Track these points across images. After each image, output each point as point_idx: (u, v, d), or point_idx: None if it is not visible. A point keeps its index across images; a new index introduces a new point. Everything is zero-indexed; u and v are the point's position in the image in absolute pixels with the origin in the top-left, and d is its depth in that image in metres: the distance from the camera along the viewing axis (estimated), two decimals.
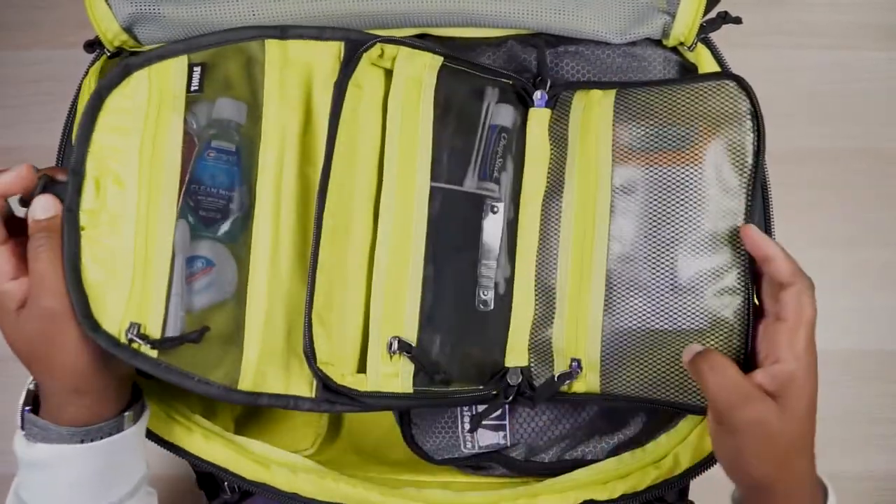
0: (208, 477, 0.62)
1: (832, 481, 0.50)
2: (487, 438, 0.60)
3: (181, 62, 0.53)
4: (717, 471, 0.57)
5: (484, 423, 0.59)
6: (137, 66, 0.52)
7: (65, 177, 0.50)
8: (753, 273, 0.53)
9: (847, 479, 0.90)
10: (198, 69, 0.53)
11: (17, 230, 0.50)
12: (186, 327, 0.51)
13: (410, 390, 0.54)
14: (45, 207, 0.49)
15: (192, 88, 0.53)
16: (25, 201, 0.50)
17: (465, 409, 0.60)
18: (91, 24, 0.57)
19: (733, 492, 0.54)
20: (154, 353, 0.50)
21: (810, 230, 0.88)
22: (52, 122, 0.61)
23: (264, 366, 0.53)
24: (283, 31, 0.54)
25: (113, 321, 0.49)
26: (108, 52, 0.58)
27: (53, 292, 0.47)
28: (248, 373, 0.52)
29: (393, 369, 0.54)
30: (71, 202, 0.49)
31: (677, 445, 0.57)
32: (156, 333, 0.50)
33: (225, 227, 0.53)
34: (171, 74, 0.53)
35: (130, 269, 0.50)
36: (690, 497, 0.60)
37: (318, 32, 0.55)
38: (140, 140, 0.51)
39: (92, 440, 0.49)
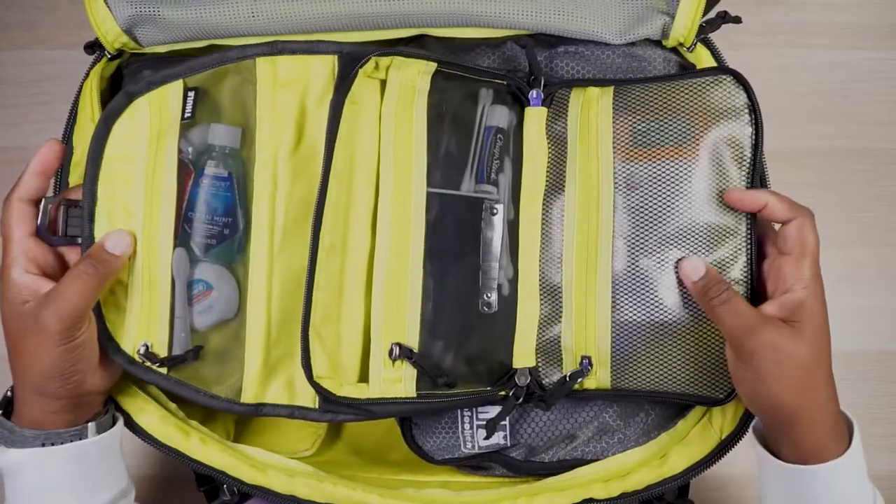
0: (208, 479, 0.62)
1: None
2: (488, 439, 0.60)
3: (177, 87, 0.54)
4: (716, 470, 0.57)
5: (485, 423, 0.59)
6: (138, 94, 0.53)
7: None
8: (757, 255, 0.54)
9: None
10: (191, 94, 0.54)
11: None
12: (191, 346, 0.54)
13: (414, 394, 0.55)
14: (118, 243, 0.51)
15: (186, 115, 0.54)
16: (51, 227, 0.52)
17: (466, 410, 0.60)
18: (91, 26, 0.56)
19: (755, 422, 0.55)
20: (164, 371, 0.54)
21: None
22: (52, 122, 0.61)
23: (266, 379, 0.55)
24: (273, 48, 0.55)
25: (128, 342, 0.53)
26: (109, 53, 0.58)
27: (60, 316, 0.48)
28: (250, 386, 0.55)
29: (396, 375, 0.55)
30: (85, 228, 0.52)
31: (677, 444, 0.57)
32: (163, 353, 0.54)
33: (222, 250, 0.55)
34: (169, 101, 0.54)
35: (140, 293, 0.53)
36: (690, 496, 0.60)
37: (310, 46, 0.55)
38: (145, 169, 0.53)
39: (53, 444, 0.50)
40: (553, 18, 0.58)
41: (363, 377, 0.56)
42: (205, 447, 0.56)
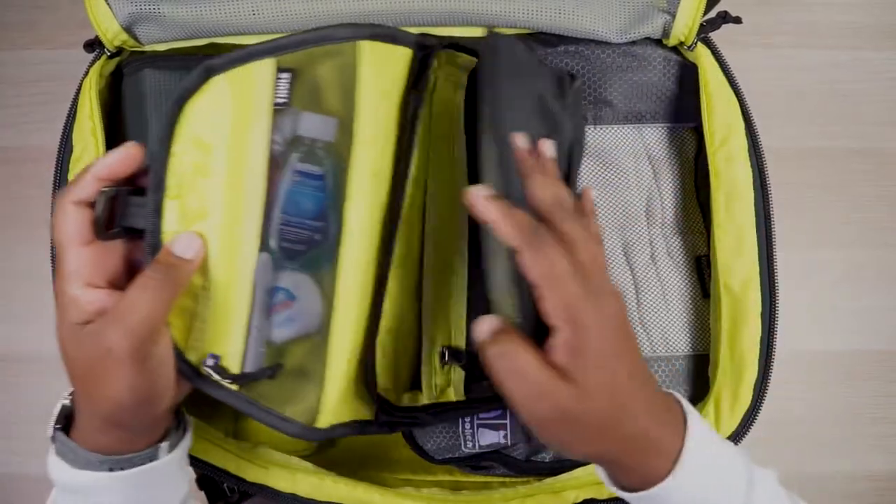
0: (208, 477, 0.62)
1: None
2: (488, 438, 0.60)
3: (267, 67, 0.46)
4: None
5: (485, 422, 0.59)
6: (218, 70, 0.45)
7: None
8: None
9: (846, 479, 0.90)
10: (286, 76, 0.47)
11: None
12: (266, 361, 0.48)
13: (463, 397, 0.55)
14: (188, 246, 0.44)
15: (279, 100, 0.46)
16: (107, 220, 0.44)
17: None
18: (91, 24, 0.57)
19: None
20: (235, 387, 0.47)
21: (810, 230, 0.88)
22: (52, 122, 0.61)
23: (342, 401, 0.50)
24: (373, 31, 0.49)
25: (194, 351, 0.46)
26: (108, 51, 0.58)
27: (129, 332, 0.41)
28: (329, 408, 0.49)
29: (445, 380, 0.55)
30: (152, 224, 0.45)
31: None
32: (235, 366, 0.47)
33: (310, 258, 0.48)
34: (256, 82, 0.46)
35: (213, 298, 0.46)
36: None
37: (393, 33, 0.50)
38: (226, 159, 0.46)
39: (122, 468, 0.44)
40: (554, 17, 0.58)
41: (415, 385, 0.55)
42: (207, 445, 0.56)
